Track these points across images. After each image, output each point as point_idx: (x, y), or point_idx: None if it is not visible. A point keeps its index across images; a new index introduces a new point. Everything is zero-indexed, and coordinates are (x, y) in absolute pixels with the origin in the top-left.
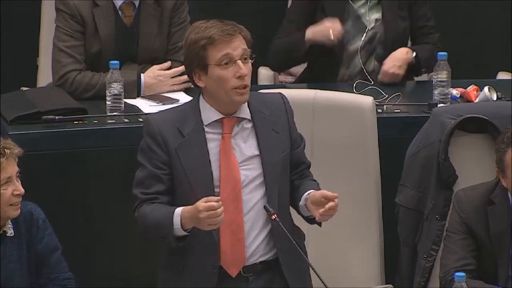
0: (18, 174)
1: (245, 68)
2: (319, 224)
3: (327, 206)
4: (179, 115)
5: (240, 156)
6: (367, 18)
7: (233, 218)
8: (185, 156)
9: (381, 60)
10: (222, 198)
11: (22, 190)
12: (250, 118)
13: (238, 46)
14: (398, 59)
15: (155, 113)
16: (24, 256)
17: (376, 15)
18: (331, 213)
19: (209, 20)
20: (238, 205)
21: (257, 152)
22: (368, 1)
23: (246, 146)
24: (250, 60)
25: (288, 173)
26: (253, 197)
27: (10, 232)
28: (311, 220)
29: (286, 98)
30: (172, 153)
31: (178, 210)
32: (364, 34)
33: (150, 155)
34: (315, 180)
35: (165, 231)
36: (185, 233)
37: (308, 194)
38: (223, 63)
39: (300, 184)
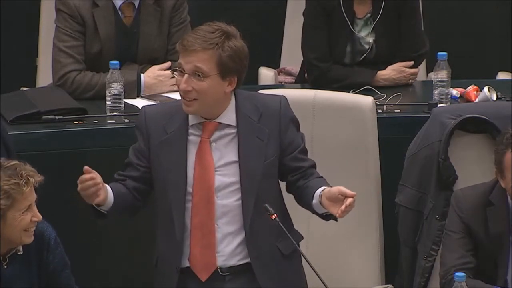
0: (36, 200)
1: (186, 83)
2: (335, 219)
3: (347, 202)
4: (171, 111)
5: (218, 161)
6: (365, 40)
7: (205, 222)
8: (164, 154)
9: None
10: (195, 201)
11: (40, 217)
12: (234, 124)
13: (192, 61)
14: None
15: (151, 105)
16: (33, 274)
17: (371, 38)
18: (350, 209)
19: (210, 24)
20: (211, 209)
21: (235, 159)
22: (366, 25)
23: (226, 151)
24: (208, 79)
25: (274, 180)
26: (227, 203)
27: (20, 250)
28: (327, 216)
29: (285, 102)
30: (152, 148)
31: None
32: (361, 56)
33: (134, 145)
34: (321, 177)
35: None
36: (101, 210)
37: (322, 191)
38: (178, 70)
39: (306, 183)
